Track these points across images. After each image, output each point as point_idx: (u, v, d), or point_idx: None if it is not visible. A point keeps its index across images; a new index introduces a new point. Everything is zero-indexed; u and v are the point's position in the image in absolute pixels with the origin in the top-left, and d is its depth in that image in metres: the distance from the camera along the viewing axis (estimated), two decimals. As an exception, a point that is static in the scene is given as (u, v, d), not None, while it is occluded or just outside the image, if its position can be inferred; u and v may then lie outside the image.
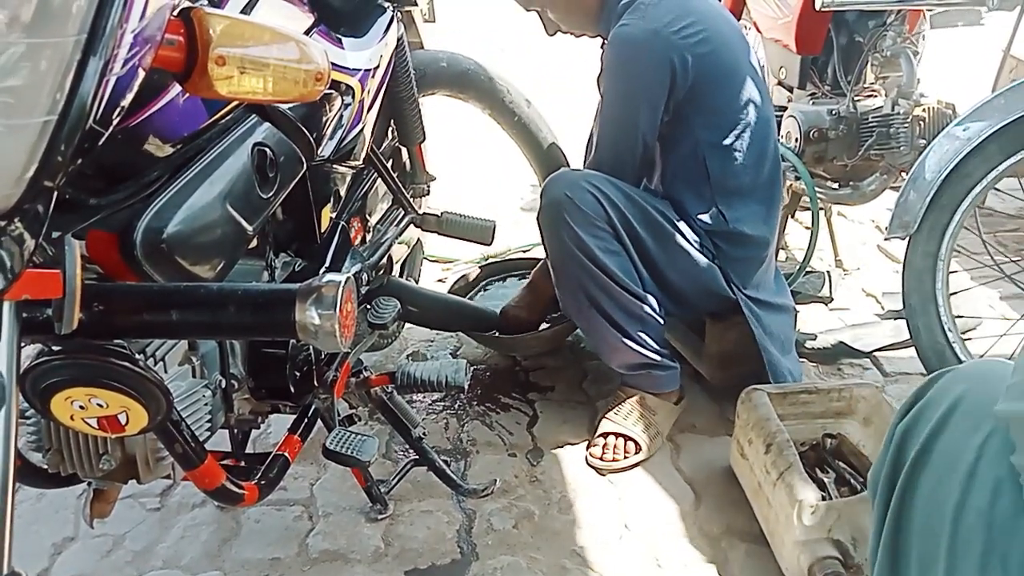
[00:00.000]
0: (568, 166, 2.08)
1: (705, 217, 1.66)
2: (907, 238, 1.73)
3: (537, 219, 1.66)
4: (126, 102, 0.66)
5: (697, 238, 1.66)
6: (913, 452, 0.80)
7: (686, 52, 1.55)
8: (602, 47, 1.80)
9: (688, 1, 1.61)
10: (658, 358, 1.68)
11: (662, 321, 1.66)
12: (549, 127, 2.14)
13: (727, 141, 1.63)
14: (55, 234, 0.74)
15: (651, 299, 1.63)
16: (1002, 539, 0.69)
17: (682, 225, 1.65)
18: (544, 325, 1.97)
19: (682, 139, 1.64)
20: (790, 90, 2.45)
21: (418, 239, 2.05)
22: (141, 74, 0.66)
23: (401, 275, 1.95)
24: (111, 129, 0.66)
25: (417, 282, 2.12)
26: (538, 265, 1.91)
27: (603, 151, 1.67)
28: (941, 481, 0.76)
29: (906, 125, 2.14)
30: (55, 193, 0.62)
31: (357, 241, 1.53)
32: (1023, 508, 0.69)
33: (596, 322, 1.64)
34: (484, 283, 2.22)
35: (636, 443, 1.67)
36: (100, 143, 0.65)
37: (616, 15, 1.62)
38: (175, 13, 0.71)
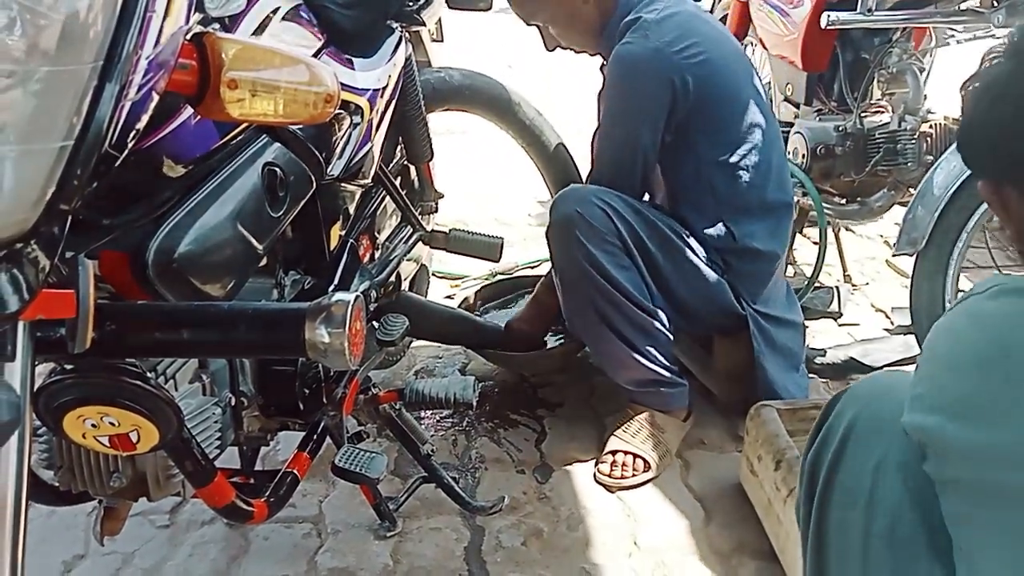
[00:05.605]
0: (577, 170, 2.09)
1: (712, 232, 1.67)
2: (915, 254, 1.73)
3: (546, 235, 1.66)
4: (141, 125, 0.67)
5: (706, 253, 1.66)
6: (819, 487, 0.87)
7: (687, 72, 1.56)
8: (601, 68, 1.81)
9: (690, 22, 1.62)
10: (667, 374, 1.68)
11: (671, 336, 1.66)
12: (556, 132, 2.15)
13: (731, 160, 1.64)
14: (69, 254, 0.75)
15: (661, 314, 1.63)
16: (906, 560, 0.77)
17: (691, 240, 1.65)
18: (555, 342, 1.97)
19: (686, 159, 1.65)
20: (796, 106, 2.46)
21: (426, 256, 2.06)
22: (155, 98, 0.67)
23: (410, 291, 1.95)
24: (126, 152, 0.67)
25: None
26: (542, 280, 1.91)
27: (602, 167, 1.69)
28: (846, 513, 0.83)
29: (913, 141, 2.14)
30: (70, 215, 0.63)
31: (366, 259, 1.54)
32: (919, 528, 0.77)
33: (605, 338, 1.63)
34: (483, 308, 2.17)
35: (645, 461, 1.66)
36: (115, 166, 0.66)
37: (618, 34, 1.64)
38: (188, 38, 0.72)
